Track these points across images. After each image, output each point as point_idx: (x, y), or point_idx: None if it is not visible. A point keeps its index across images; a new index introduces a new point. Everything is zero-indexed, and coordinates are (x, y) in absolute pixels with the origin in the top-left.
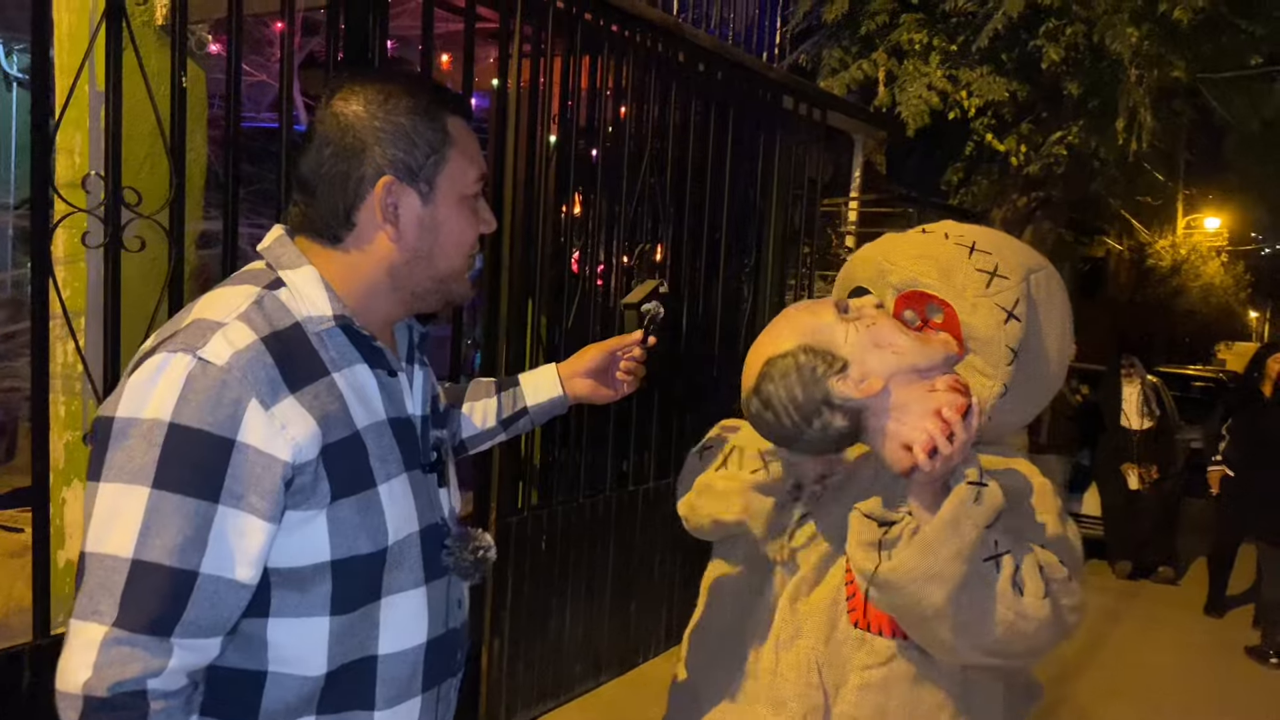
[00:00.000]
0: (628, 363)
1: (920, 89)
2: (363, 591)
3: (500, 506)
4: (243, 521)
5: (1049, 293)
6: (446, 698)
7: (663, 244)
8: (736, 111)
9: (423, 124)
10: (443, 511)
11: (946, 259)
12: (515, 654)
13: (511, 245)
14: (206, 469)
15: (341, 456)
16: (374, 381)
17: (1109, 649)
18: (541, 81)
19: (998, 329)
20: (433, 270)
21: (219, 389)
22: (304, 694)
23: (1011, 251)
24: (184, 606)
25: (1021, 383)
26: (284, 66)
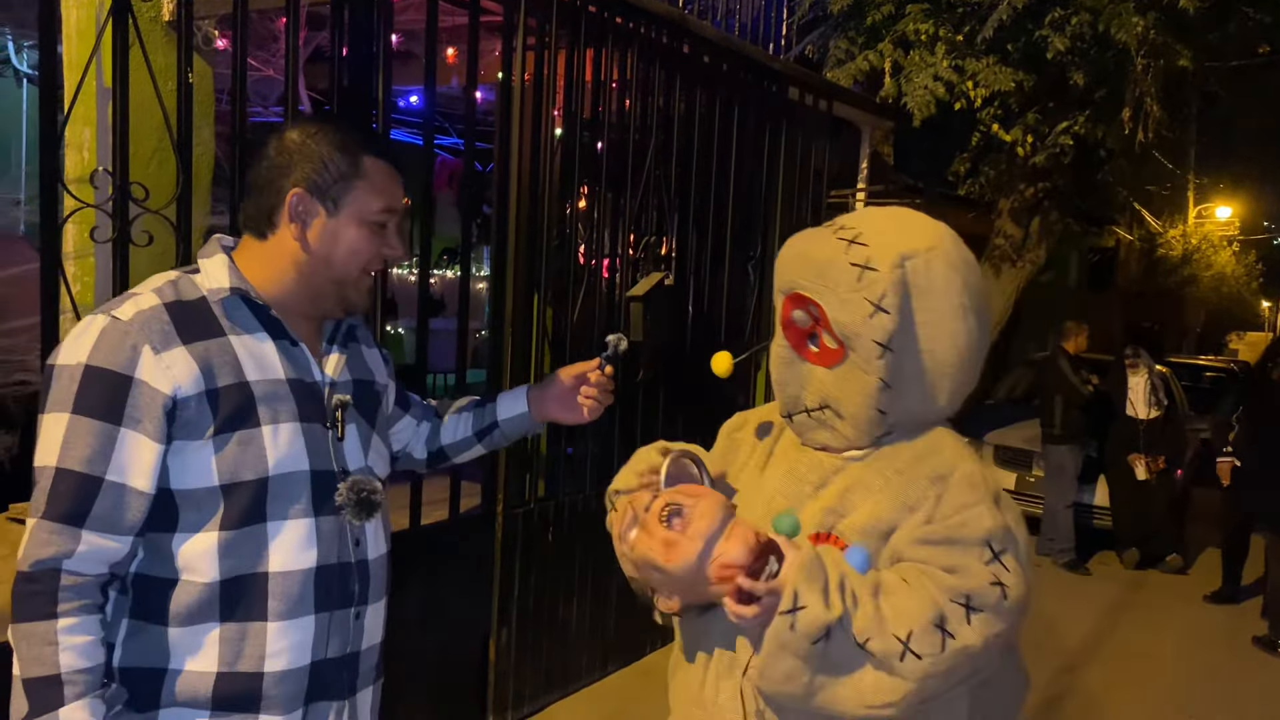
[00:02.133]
0: (588, 389)
1: (926, 79)
2: (248, 513)
3: (508, 498)
4: (139, 440)
5: (929, 278)
6: (343, 625)
7: (668, 236)
8: (742, 103)
9: (339, 156)
10: (344, 463)
11: (824, 256)
12: (523, 644)
13: (517, 238)
14: (112, 399)
15: (226, 398)
16: (274, 347)
17: (1117, 638)
18: (546, 74)
19: (864, 324)
20: (330, 273)
21: (122, 337)
22: (204, 599)
23: (892, 237)
24: (92, 503)
25: (910, 374)
26: (289, 62)
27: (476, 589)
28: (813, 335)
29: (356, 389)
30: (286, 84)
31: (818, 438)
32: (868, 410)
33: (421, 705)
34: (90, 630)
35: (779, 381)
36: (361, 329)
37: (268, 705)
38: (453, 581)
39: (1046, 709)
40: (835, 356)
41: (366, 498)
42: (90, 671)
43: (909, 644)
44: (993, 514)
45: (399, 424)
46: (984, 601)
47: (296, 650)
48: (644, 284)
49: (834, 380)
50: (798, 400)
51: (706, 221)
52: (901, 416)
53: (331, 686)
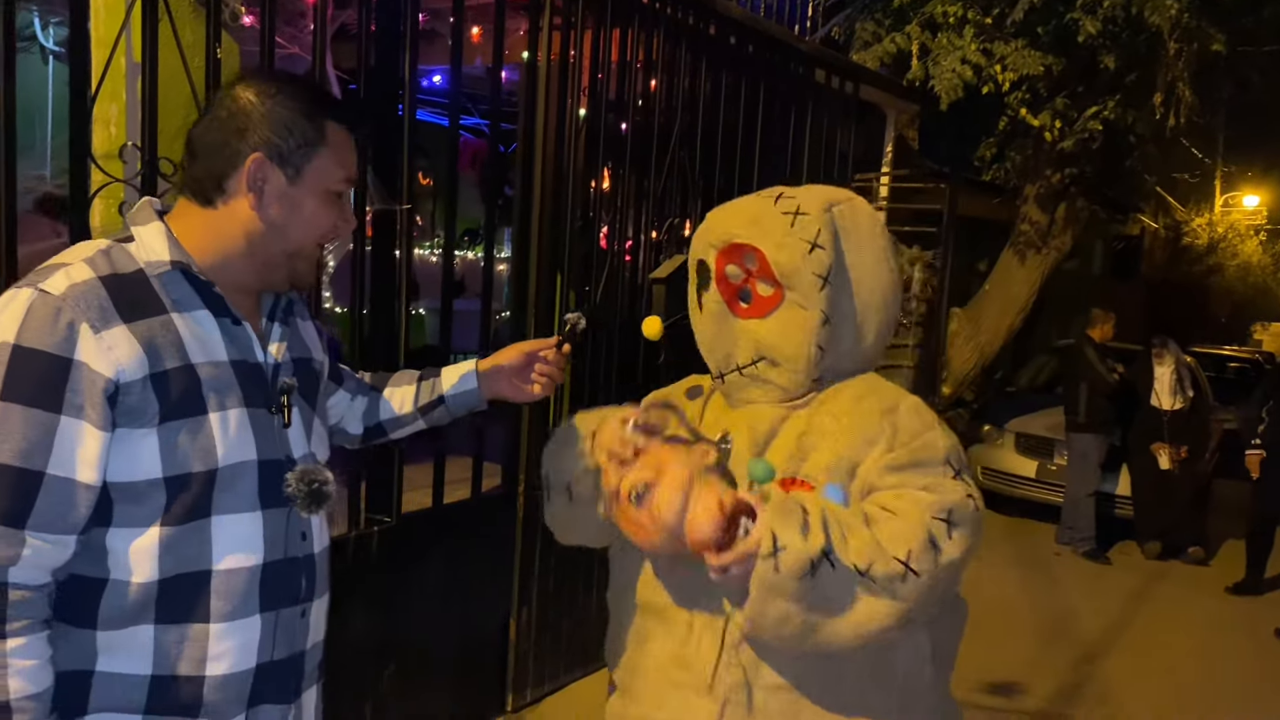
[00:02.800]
0: (543, 366)
1: (954, 63)
2: (192, 507)
3: (528, 479)
4: (82, 429)
5: (854, 222)
6: (290, 624)
7: (691, 218)
8: (767, 85)
9: (301, 120)
10: (289, 450)
11: (755, 209)
12: (543, 625)
13: (540, 219)
14: (48, 384)
15: (171, 383)
16: (216, 326)
17: (1136, 629)
18: (572, 54)
19: (803, 260)
20: (284, 244)
21: (55, 315)
22: (138, 600)
23: (814, 192)
24: (33, 502)
25: (845, 311)
26: (316, 39)
27: (497, 568)
28: (743, 291)
29: (298, 369)
30: (314, 61)
31: (749, 395)
32: (807, 348)
33: (442, 683)
34: (38, 652)
35: (708, 344)
36: (299, 303)
37: (208, 710)
38: (474, 561)
39: (1065, 698)
40: (771, 303)
41: (318, 489)
42: (39, 698)
43: (909, 564)
44: (946, 435)
45: (332, 398)
46: (963, 515)
47: (240, 652)
48: (667, 266)
49: (769, 328)
50: (729, 358)
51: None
52: (836, 358)
53: (277, 690)
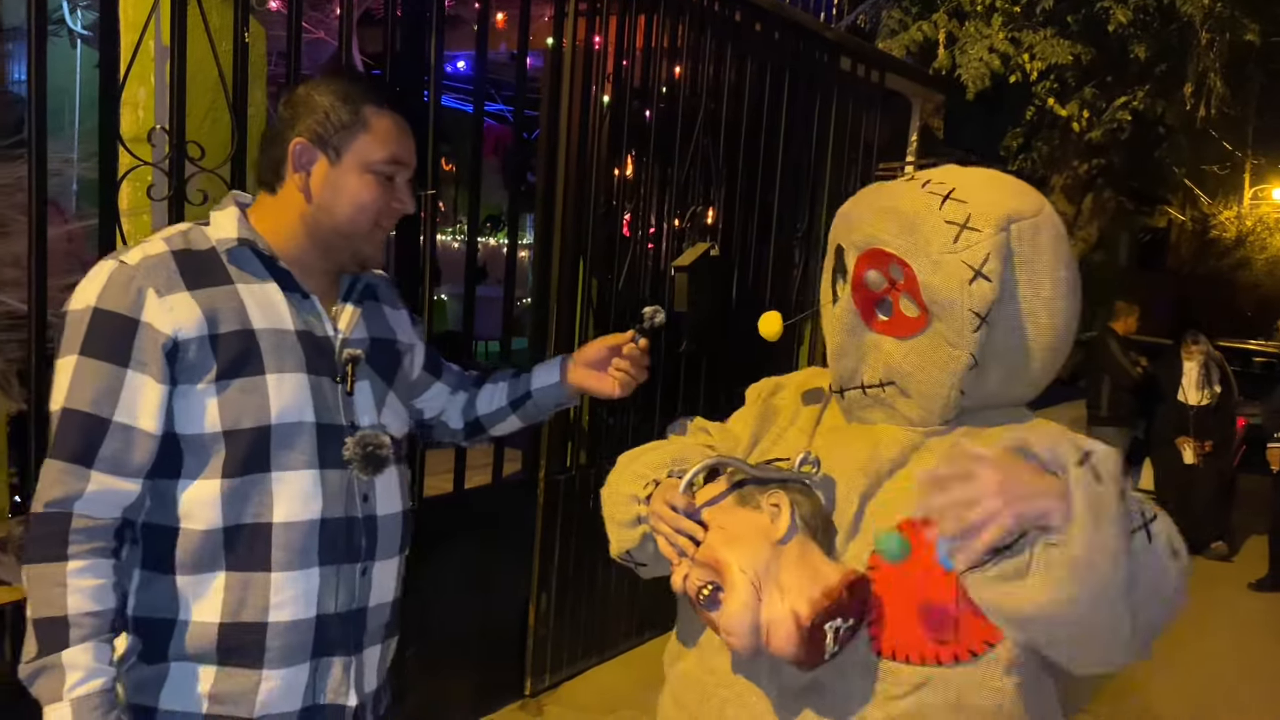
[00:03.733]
0: (620, 361)
1: (981, 51)
2: (250, 461)
3: (549, 465)
4: (144, 382)
5: (1036, 245)
6: (350, 580)
7: (714, 206)
8: (792, 72)
9: (340, 106)
10: (354, 417)
11: (913, 211)
12: (562, 609)
13: (564, 205)
14: (118, 341)
15: (229, 344)
16: (284, 298)
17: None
18: (597, 40)
19: (960, 290)
20: (333, 222)
21: (128, 281)
22: (208, 547)
23: (994, 197)
24: (100, 444)
25: (1001, 352)
26: (343, 24)
27: (517, 554)
28: (883, 301)
29: (373, 346)
30: (340, 46)
31: (870, 416)
32: (946, 390)
33: (462, 667)
34: (101, 574)
35: (836, 351)
36: (384, 288)
37: (270, 658)
38: (494, 546)
39: (1084, 692)
40: (914, 326)
41: (373, 452)
42: (98, 615)
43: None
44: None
45: (430, 390)
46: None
47: (301, 602)
48: (689, 254)
49: (906, 353)
50: (855, 374)
51: (754, 192)
52: (978, 400)
53: (338, 642)
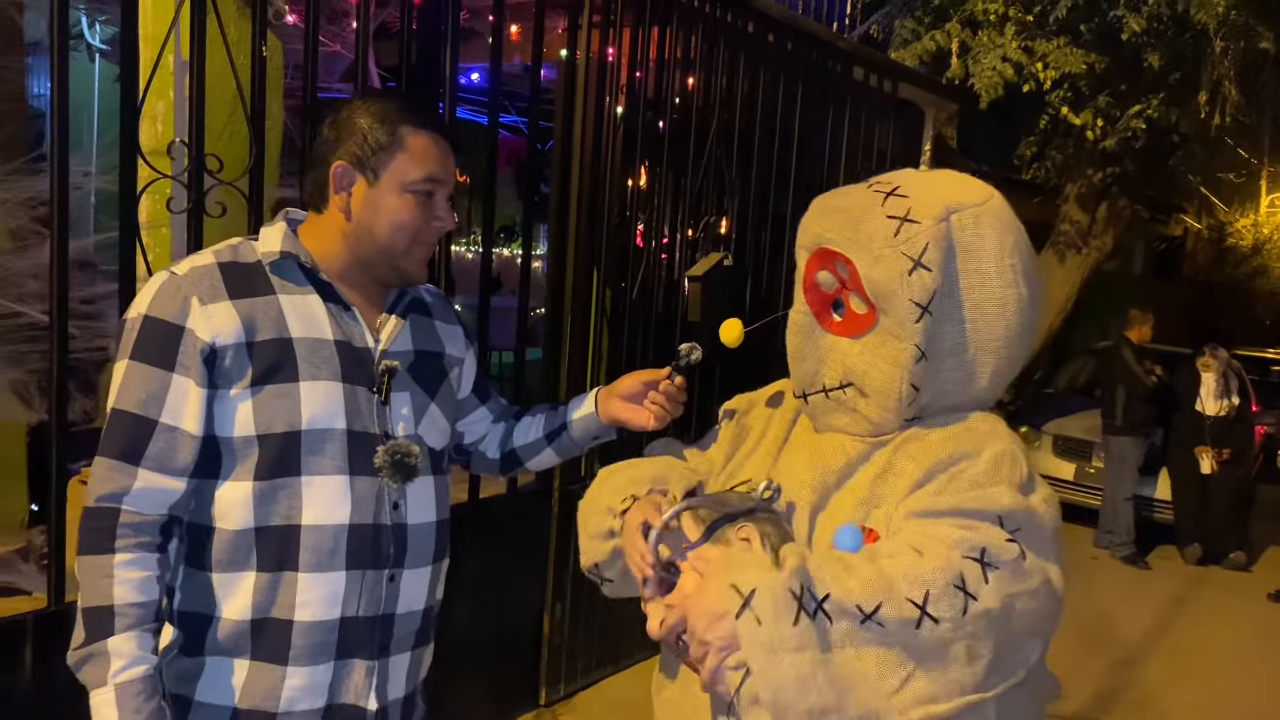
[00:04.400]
0: (656, 395)
1: (995, 60)
2: (281, 465)
3: (563, 475)
4: (187, 385)
5: (978, 234)
6: (375, 586)
7: (728, 216)
8: (805, 82)
9: (377, 127)
10: (388, 426)
11: (859, 208)
12: (576, 619)
13: (577, 216)
14: (165, 347)
15: (265, 351)
16: (323, 308)
17: (1176, 634)
18: (610, 52)
19: (901, 281)
20: (374, 243)
21: (176, 290)
22: (240, 546)
23: (935, 191)
24: (147, 443)
25: (951, 344)
26: (360, 37)
27: (532, 564)
28: (837, 302)
29: (418, 359)
30: (357, 60)
31: (835, 421)
32: (898, 384)
33: (477, 676)
34: (146, 567)
35: (795, 354)
36: (438, 303)
37: (296, 656)
38: (509, 556)
39: (1103, 704)
40: (864, 324)
41: (401, 460)
42: (142, 606)
43: (926, 608)
44: (1013, 496)
45: (474, 414)
46: (1000, 557)
47: (326, 603)
48: (703, 264)
49: (860, 351)
50: (815, 377)
51: (767, 202)
52: (935, 396)
53: (362, 645)
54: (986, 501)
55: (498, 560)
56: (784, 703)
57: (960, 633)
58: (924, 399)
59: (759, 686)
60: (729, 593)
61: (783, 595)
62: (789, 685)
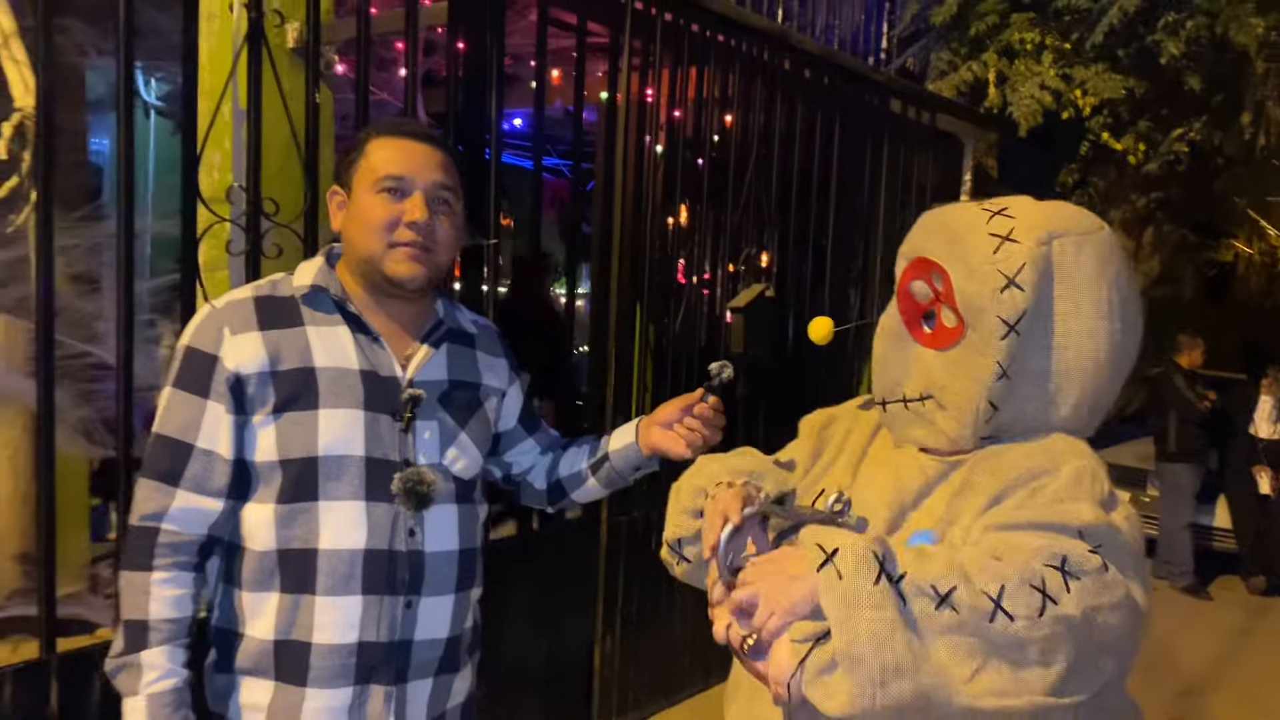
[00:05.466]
0: (690, 420)
1: (1033, 89)
2: (300, 489)
3: (611, 506)
4: (220, 411)
5: (1077, 262)
6: (392, 612)
7: (768, 250)
8: (843, 116)
9: (352, 146)
10: (410, 454)
11: (963, 224)
12: (627, 653)
13: (620, 253)
14: (201, 375)
15: (288, 380)
16: (351, 339)
17: (1242, 666)
18: (650, 93)
19: (992, 297)
20: (357, 251)
21: (213, 322)
22: (265, 567)
23: (1043, 215)
24: (184, 466)
25: (1036, 368)
26: (409, 85)
27: (581, 597)
28: (929, 313)
29: (451, 388)
30: (405, 106)
31: (911, 434)
32: (976, 400)
33: (528, 709)
34: (181, 585)
35: (880, 359)
36: (485, 335)
37: (315, 678)
38: (558, 588)
39: None
40: (951, 336)
41: (414, 488)
42: (175, 622)
43: (1000, 601)
44: (1095, 511)
45: (521, 445)
46: (1082, 567)
47: (342, 626)
48: (745, 295)
49: (944, 364)
50: (896, 386)
51: (807, 236)
52: (1014, 418)
53: (379, 670)
54: (1067, 516)
55: (547, 593)
56: (858, 655)
57: (1035, 633)
58: (1002, 419)
59: (835, 638)
60: (812, 550)
61: (865, 555)
62: (865, 640)
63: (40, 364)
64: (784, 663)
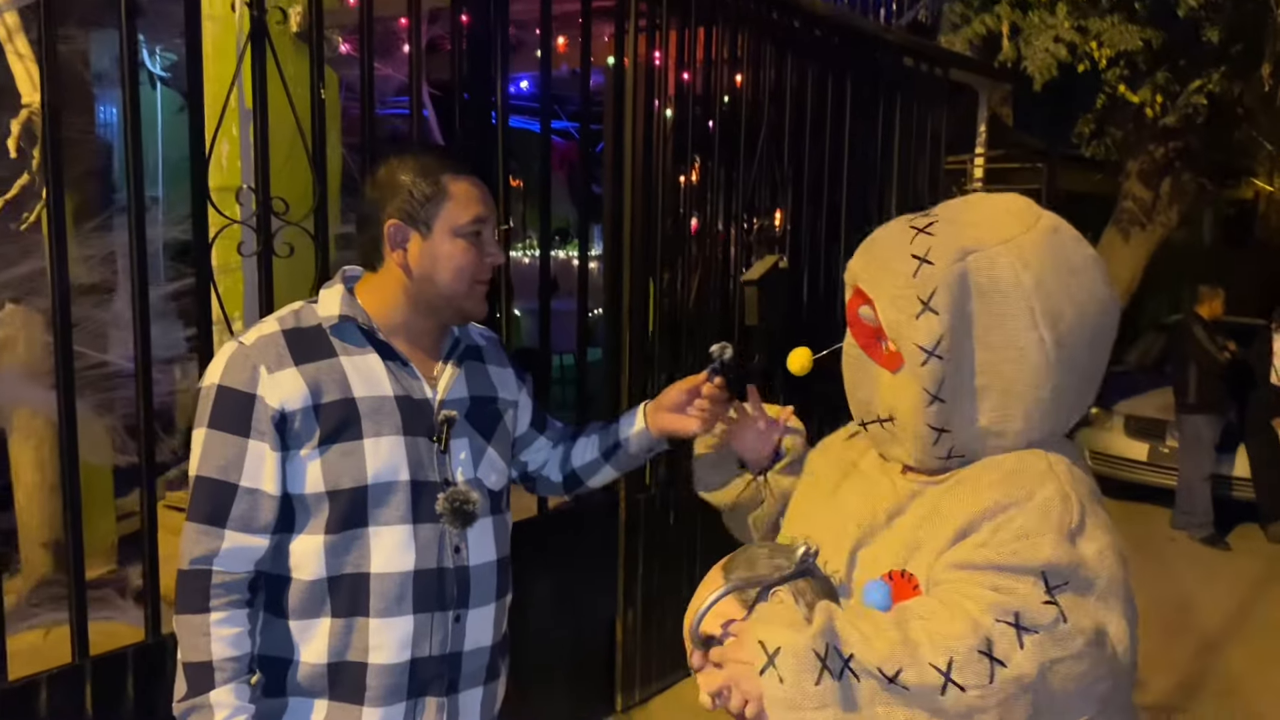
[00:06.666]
0: (700, 401)
1: (1047, 41)
2: (349, 518)
3: (629, 484)
4: (263, 450)
5: (994, 277)
6: (443, 627)
7: (782, 210)
8: (855, 75)
9: (421, 181)
10: (448, 474)
11: (888, 249)
12: (648, 626)
13: (632, 221)
14: (239, 414)
15: (331, 413)
16: (383, 367)
17: (1261, 617)
18: (658, 56)
19: (909, 324)
20: (436, 290)
21: (245, 360)
22: (314, 595)
23: (965, 228)
24: (230, 506)
25: (974, 388)
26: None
27: (602, 573)
28: (881, 334)
29: (473, 404)
30: (411, 88)
31: (892, 451)
32: (918, 425)
33: (554, 685)
34: (239, 623)
35: (849, 385)
36: (491, 348)
37: (371, 697)
38: (579, 566)
39: (1185, 692)
40: (896, 360)
41: (461, 507)
42: (237, 660)
43: (950, 674)
44: (1057, 546)
45: (534, 445)
46: (1036, 621)
47: (396, 646)
48: (758, 268)
49: (892, 388)
50: (869, 407)
51: (820, 196)
52: (968, 436)
53: (431, 684)
54: (1028, 556)
55: (569, 571)
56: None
57: (989, 700)
58: (958, 439)
59: None
60: (756, 648)
61: (806, 655)
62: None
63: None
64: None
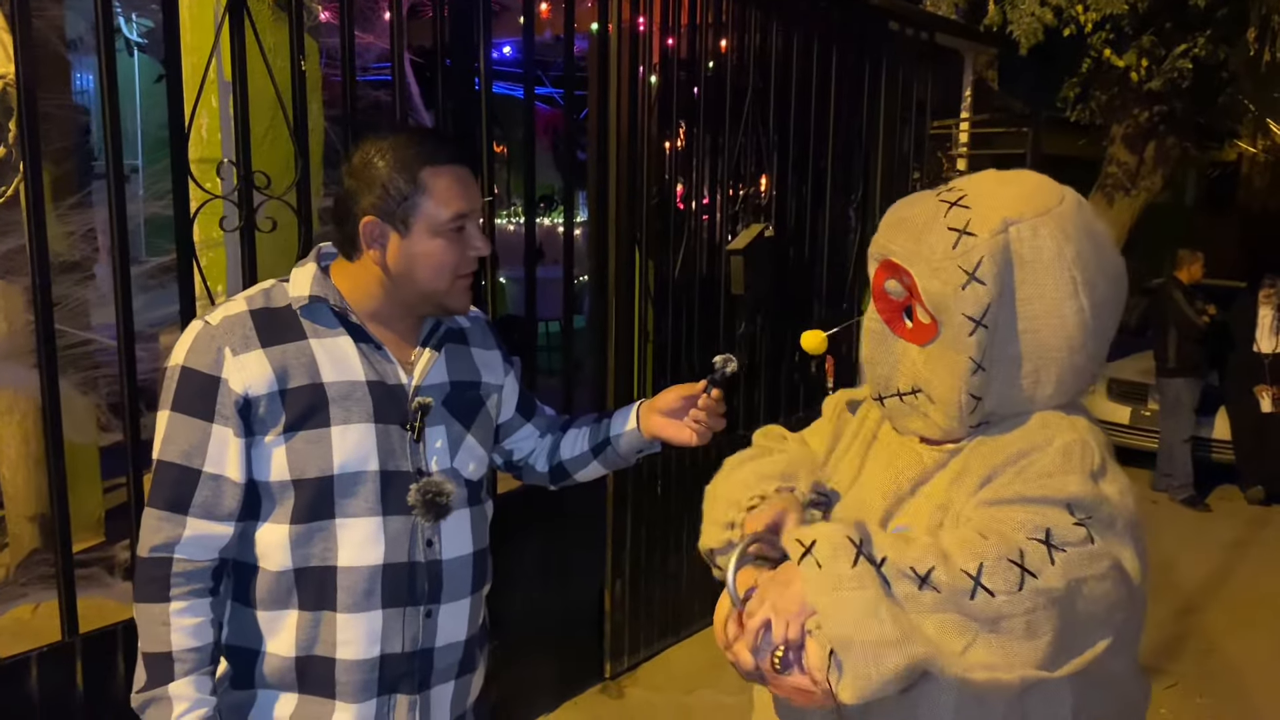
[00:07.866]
0: (696, 412)
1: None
2: (315, 508)
3: None
4: (227, 434)
5: (1037, 247)
6: (414, 623)
7: (767, 176)
8: (840, 39)
9: (398, 176)
10: (422, 464)
11: (921, 221)
12: (636, 594)
13: (617, 189)
14: (203, 397)
15: (298, 398)
16: (355, 350)
17: (1239, 578)
18: (642, 21)
19: (955, 295)
20: (416, 288)
21: (210, 341)
22: (281, 586)
23: (1000, 200)
24: (192, 492)
25: (1011, 355)
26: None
27: (591, 543)
28: (908, 308)
29: (453, 390)
30: (393, 61)
31: (910, 425)
32: (958, 394)
33: (543, 655)
34: (200, 613)
35: (869, 359)
36: (476, 330)
37: (341, 692)
38: (568, 536)
39: (1166, 652)
40: (928, 333)
41: (433, 499)
42: (198, 651)
43: (980, 578)
44: (1082, 483)
45: (520, 432)
46: (1066, 539)
47: (365, 641)
48: (744, 236)
49: (925, 359)
50: (889, 381)
51: (806, 162)
52: (1000, 403)
53: (402, 681)
54: (1055, 489)
55: (557, 543)
56: (845, 639)
57: (1018, 607)
58: (989, 406)
59: (825, 627)
60: (795, 545)
61: (841, 542)
62: (850, 620)
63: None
64: (816, 660)
